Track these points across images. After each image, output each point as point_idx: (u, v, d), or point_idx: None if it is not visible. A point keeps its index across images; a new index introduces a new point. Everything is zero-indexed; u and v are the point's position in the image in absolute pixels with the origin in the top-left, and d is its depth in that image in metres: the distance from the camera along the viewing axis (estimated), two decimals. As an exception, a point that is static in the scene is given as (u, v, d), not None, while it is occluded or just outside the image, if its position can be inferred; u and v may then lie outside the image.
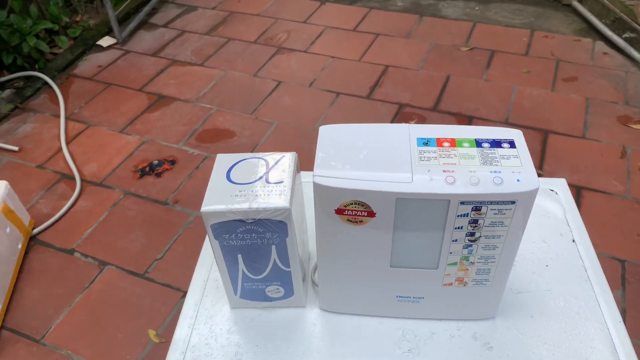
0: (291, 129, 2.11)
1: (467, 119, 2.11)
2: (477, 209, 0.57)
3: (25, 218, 1.72)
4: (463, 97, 2.22)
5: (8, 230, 1.59)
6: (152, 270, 1.63)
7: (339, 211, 0.58)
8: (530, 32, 2.60)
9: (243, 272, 0.67)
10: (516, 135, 0.61)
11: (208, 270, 0.79)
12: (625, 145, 1.95)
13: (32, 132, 2.17)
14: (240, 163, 0.66)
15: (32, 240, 1.73)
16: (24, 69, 2.46)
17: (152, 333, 1.46)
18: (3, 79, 2.42)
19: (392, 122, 2.11)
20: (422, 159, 0.58)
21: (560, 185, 0.90)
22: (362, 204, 0.57)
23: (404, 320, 0.71)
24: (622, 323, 0.71)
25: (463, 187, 0.55)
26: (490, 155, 0.58)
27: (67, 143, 2.11)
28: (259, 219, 0.61)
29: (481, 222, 0.58)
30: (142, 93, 2.35)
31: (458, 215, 0.57)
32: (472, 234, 0.59)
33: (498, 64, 2.40)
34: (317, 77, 2.38)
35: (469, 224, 0.58)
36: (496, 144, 0.59)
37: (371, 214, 0.57)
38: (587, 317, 0.72)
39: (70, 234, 1.76)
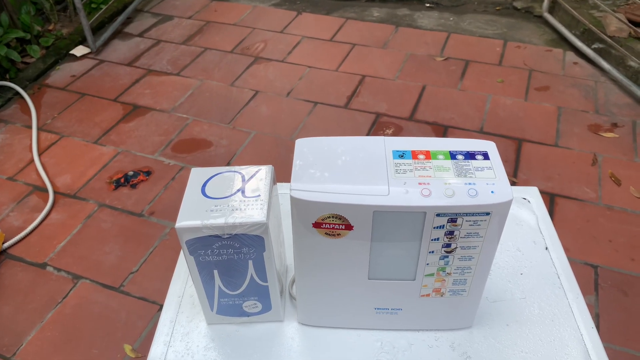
0: (269, 139, 2.11)
1: (443, 128, 2.13)
2: (452, 220, 0.57)
3: (-4, 232, 1.68)
4: (439, 107, 2.25)
5: (-23, 244, 1.55)
6: (128, 283, 1.60)
7: (317, 225, 0.58)
8: (504, 43, 2.66)
9: (219, 287, 0.66)
10: (489, 147, 0.61)
11: (183, 285, 0.78)
12: (596, 153, 1.99)
13: (2, 144, 2.12)
14: (215, 177, 0.65)
15: (2, 255, 1.69)
16: (-5, 79, 2.41)
17: (127, 348, 1.43)
18: (-28, 89, 2.36)
19: (369, 131, 2.13)
20: (398, 171, 0.58)
21: (532, 194, 0.91)
22: (340, 217, 0.57)
23: (382, 332, 0.71)
24: (594, 329, 0.73)
25: (439, 199, 0.56)
26: (465, 167, 0.59)
27: (40, 154, 2.06)
28: (235, 234, 0.60)
29: (457, 233, 0.58)
30: (117, 103, 2.32)
31: (434, 227, 0.58)
32: (449, 245, 0.60)
33: (472, 74, 2.44)
34: (294, 87, 2.38)
35: (445, 235, 0.59)
36: (470, 155, 0.60)
37: (349, 227, 0.57)
38: (561, 323, 0.74)
39: (42, 247, 1.72)
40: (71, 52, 2.61)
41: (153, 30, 2.82)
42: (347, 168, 0.58)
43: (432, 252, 0.60)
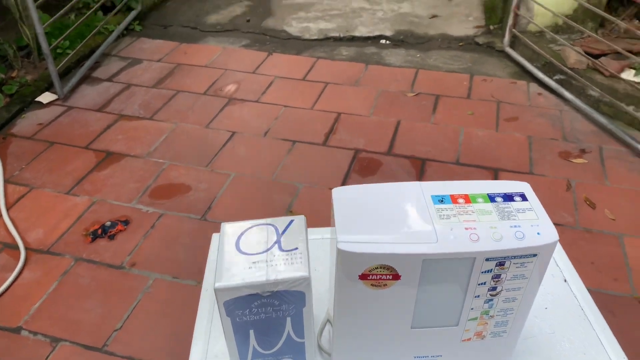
0: (249, 180, 2.08)
1: (421, 162, 2.16)
2: (500, 264, 0.56)
3: (-35, 295, 1.56)
4: (414, 141, 2.29)
5: (-54, 310, 1.44)
6: (112, 342, 1.51)
7: (363, 276, 0.56)
8: (470, 77, 2.75)
9: (254, 347, 0.63)
10: (525, 187, 0.62)
11: (206, 345, 0.74)
12: (569, 179, 2.06)
13: (-34, 198, 2.01)
14: (248, 231, 0.63)
15: (-28, 319, 1.57)
16: (-46, 131, 2.30)
17: (118, 412, 1.34)
18: None
19: (349, 167, 2.13)
20: (442, 217, 0.57)
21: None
22: (388, 268, 0.55)
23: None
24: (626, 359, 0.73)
25: (487, 243, 0.55)
26: (506, 209, 0.58)
27: (8, 209, 1.96)
28: (276, 291, 0.57)
29: (503, 276, 0.58)
30: (89, 150, 2.24)
31: (482, 272, 0.57)
32: (494, 289, 0.59)
33: (443, 108, 2.50)
34: (271, 127, 2.37)
35: (492, 279, 0.58)
36: (508, 197, 0.60)
37: (396, 276, 0.56)
38: (592, 356, 0.74)
39: (15, 310, 1.60)
40: (37, 99, 2.53)
41: (122, 74, 2.78)
42: (389, 216, 0.57)
43: (478, 296, 0.59)
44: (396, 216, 0.57)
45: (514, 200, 0.60)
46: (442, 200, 0.59)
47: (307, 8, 3.48)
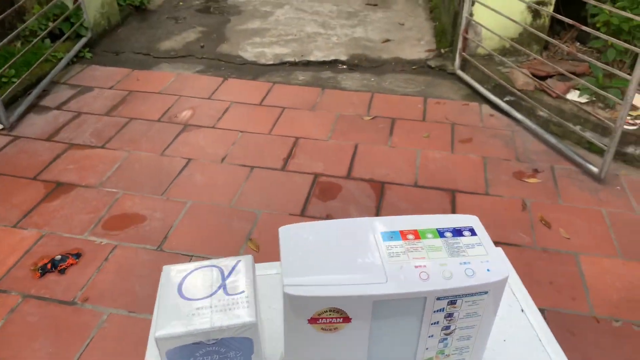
0: (207, 207, 2.04)
1: (380, 185, 2.18)
2: (452, 302, 0.56)
3: None
4: (373, 164, 2.31)
5: None
6: (63, 384, 1.43)
7: (313, 320, 0.54)
8: (424, 99, 2.80)
9: None
10: (473, 221, 0.62)
11: None
12: (524, 199, 2.11)
13: None
14: (191, 274, 0.60)
15: None
16: None
17: None
18: None
19: (309, 192, 2.12)
20: (391, 254, 0.56)
21: (497, 253, 0.93)
22: (338, 311, 0.54)
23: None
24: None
25: (437, 282, 0.55)
26: (455, 245, 0.58)
27: (-52, 245, 1.85)
28: (221, 339, 0.55)
29: (456, 315, 0.57)
30: (37, 181, 2.15)
31: (434, 311, 0.56)
32: (448, 327, 0.58)
33: (400, 131, 2.54)
34: (228, 152, 2.35)
35: (444, 318, 0.57)
36: (457, 232, 0.60)
37: (347, 319, 0.55)
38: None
39: (-44, 353, 1.51)
40: (-19, 129, 2.43)
41: (72, 102, 2.70)
42: (338, 256, 0.56)
43: (432, 335, 0.59)
44: (345, 256, 0.56)
45: (463, 235, 0.60)
46: (391, 237, 0.59)
47: (262, 33, 3.50)
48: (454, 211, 2.05)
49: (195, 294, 0.58)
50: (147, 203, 2.06)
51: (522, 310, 0.83)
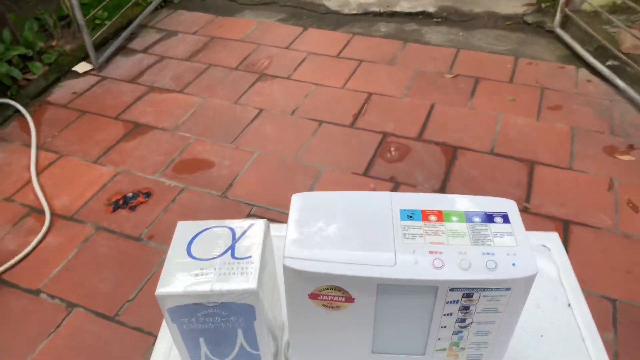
0: (272, 159, 2.05)
1: (452, 149, 2.06)
2: (468, 295, 0.50)
3: (-11, 257, 1.63)
4: (448, 126, 2.18)
5: (-32, 272, 1.50)
6: (123, 312, 1.54)
7: (313, 296, 0.51)
8: (515, 59, 2.59)
9: (206, 355, 0.60)
10: (510, 207, 0.55)
11: (169, 347, 0.71)
12: (612, 177, 1.91)
13: (0, 163, 2.08)
14: (203, 233, 0.59)
15: (-5, 281, 1.63)
16: (-5, 96, 2.37)
17: (121, 384, 1.37)
18: (-27, 105, 2.32)
19: (375, 152, 2.06)
20: (407, 236, 0.51)
21: (552, 240, 0.84)
22: (340, 289, 0.50)
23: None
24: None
25: (452, 272, 0.49)
26: (482, 232, 0.52)
27: (38, 174, 2.01)
28: (222, 302, 0.54)
29: (473, 308, 0.52)
30: (118, 121, 2.27)
31: (447, 302, 0.51)
32: (463, 320, 0.53)
33: (482, 92, 2.37)
34: (299, 105, 2.32)
35: (459, 310, 0.52)
36: (488, 218, 0.53)
37: (349, 299, 0.51)
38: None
39: (37, 273, 1.66)
40: (73, 68, 2.57)
41: (157, 46, 2.78)
42: (348, 231, 0.52)
43: (445, 327, 0.53)
44: (355, 232, 0.52)
45: (493, 222, 0.53)
46: (411, 216, 0.53)
47: (350, -19, 3.35)
48: (530, 184, 1.90)
49: (203, 254, 0.57)
50: (216, 150, 2.10)
51: (569, 305, 0.75)
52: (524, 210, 1.78)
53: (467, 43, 2.73)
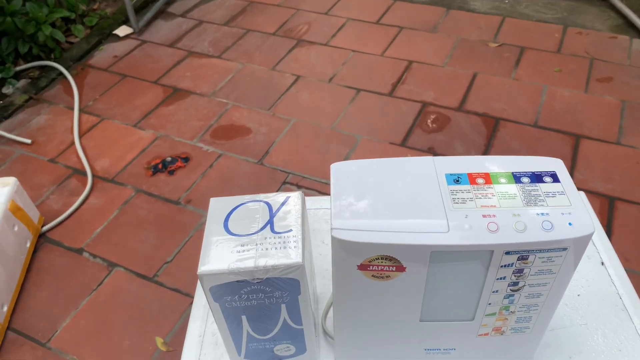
0: (308, 127, 2.03)
1: (494, 121, 2.00)
2: (523, 258, 0.48)
3: (35, 215, 1.68)
4: (490, 97, 2.12)
5: (16, 228, 1.55)
6: (162, 273, 1.58)
7: (363, 267, 0.50)
8: (563, 28, 2.47)
9: (248, 332, 0.59)
10: (557, 165, 0.52)
11: (204, 323, 0.71)
12: (663, 153, 1.83)
13: (45, 125, 2.13)
14: (238, 209, 0.57)
15: (41, 238, 1.69)
16: (40, 59, 2.42)
17: (159, 341, 1.41)
18: (18, 68, 2.38)
19: (414, 121, 2.02)
20: (456, 200, 0.49)
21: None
22: (391, 259, 0.49)
23: (431, 371, 0.63)
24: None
25: (508, 235, 0.47)
26: (533, 192, 0.50)
27: (80, 137, 2.06)
28: (266, 278, 0.53)
29: (527, 271, 0.50)
30: (157, 86, 2.29)
31: (501, 266, 0.49)
32: (516, 284, 0.51)
33: (528, 62, 2.28)
34: (337, 72, 2.29)
35: (512, 274, 0.50)
36: (537, 178, 0.51)
37: (400, 268, 0.50)
38: (629, 353, 0.65)
39: (79, 232, 1.71)
40: (114, 32, 2.60)
41: (196, 10, 2.77)
42: (394, 198, 0.50)
43: (497, 291, 0.52)
44: (402, 199, 0.50)
45: (543, 182, 0.50)
46: (458, 180, 0.51)
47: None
48: (574, 158, 1.84)
49: (242, 230, 0.55)
50: (253, 116, 2.10)
51: (602, 264, 0.73)
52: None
53: (514, 11, 2.62)
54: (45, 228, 1.71)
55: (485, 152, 1.89)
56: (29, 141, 2.03)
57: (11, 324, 1.47)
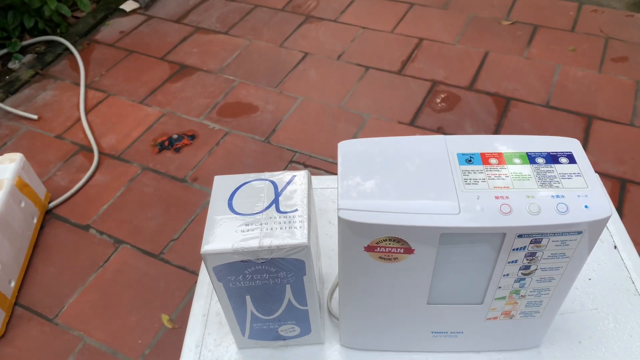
0: (316, 105, 2.01)
1: (505, 100, 1.97)
2: (536, 241, 0.47)
3: (41, 191, 1.68)
4: (501, 76, 2.08)
5: (23, 204, 1.55)
6: (168, 251, 1.58)
7: (370, 248, 0.48)
8: (578, 6, 2.41)
9: (252, 312, 0.58)
10: (574, 146, 0.50)
11: (208, 303, 0.71)
12: (678, 135, 1.79)
13: (51, 101, 2.12)
14: (243, 187, 0.56)
15: (48, 214, 1.70)
16: (46, 33, 2.40)
17: (165, 318, 1.41)
18: (24, 43, 2.35)
19: (423, 100, 1.99)
20: (468, 181, 0.48)
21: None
22: (399, 240, 0.47)
23: (438, 354, 0.62)
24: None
25: (521, 217, 0.45)
26: (548, 174, 0.48)
27: (87, 113, 2.05)
28: (271, 258, 0.51)
29: (539, 254, 0.48)
30: (164, 62, 2.26)
31: (513, 249, 0.47)
32: (527, 267, 0.50)
33: (541, 41, 2.23)
34: (346, 49, 2.25)
35: (525, 257, 0.48)
36: (552, 158, 0.49)
37: (409, 250, 0.48)
38: (641, 339, 0.64)
39: (86, 209, 1.71)
40: (121, 7, 2.56)
41: (202, -15, 2.72)
42: (404, 178, 0.48)
43: (507, 275, 0.50)
44: (412, 179, 0.48)
45: (559, 162, 0.49)
46: (470, 160, 0.49)
47: None
48: (586, 140, 1.80)
49: (246, 209, 0.54)
50: (260, 94, 2.08)
51: (615, 247, 0.71)
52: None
53: (528, -13, 2.55)
54: (52, 204, 1.71)
55: (496, 133, 1.86)
56: (35, 117, 2.03)
57: (19, 299, 1.48)
